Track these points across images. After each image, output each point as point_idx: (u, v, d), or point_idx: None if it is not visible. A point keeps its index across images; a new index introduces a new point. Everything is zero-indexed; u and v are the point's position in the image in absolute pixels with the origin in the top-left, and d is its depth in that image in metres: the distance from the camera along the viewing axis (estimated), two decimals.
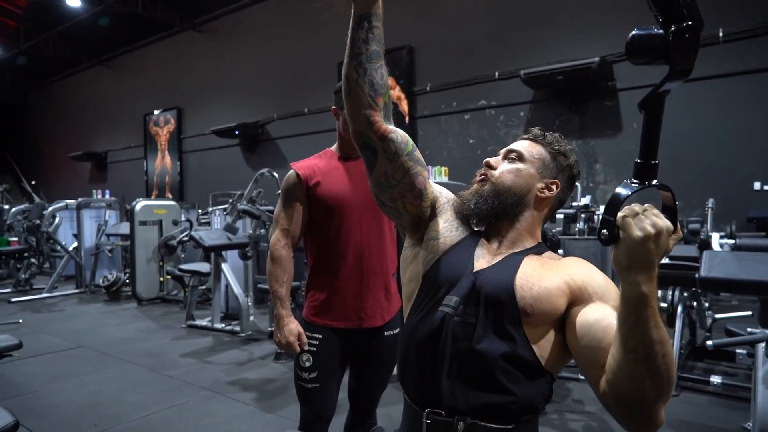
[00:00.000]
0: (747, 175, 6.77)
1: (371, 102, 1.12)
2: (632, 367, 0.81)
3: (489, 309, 1.03)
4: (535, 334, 1.01)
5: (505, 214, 1.14)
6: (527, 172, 1.15)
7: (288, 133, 11.89)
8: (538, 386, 1.02)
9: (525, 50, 8.34)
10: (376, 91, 1.11)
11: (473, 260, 1.11)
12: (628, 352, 0.81)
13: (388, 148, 1.14)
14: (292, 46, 11.77)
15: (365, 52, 1.09)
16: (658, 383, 0.81)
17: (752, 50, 6.70)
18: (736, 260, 2.66)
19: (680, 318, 3.79)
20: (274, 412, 3.33)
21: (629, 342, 0.80)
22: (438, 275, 1.12)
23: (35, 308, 6.83)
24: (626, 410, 0.87)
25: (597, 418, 3.13)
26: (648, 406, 0.82)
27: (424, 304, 1.12)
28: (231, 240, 5.40)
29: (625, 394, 0.84)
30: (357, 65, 1.09)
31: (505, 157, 1.19)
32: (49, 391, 3.75)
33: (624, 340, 0.81)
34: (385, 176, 1.17)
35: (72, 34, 15.38)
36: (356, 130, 1.15)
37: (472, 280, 1.06)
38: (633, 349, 0.80)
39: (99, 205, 8.68)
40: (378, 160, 1.16)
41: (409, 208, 1.20)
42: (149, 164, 15.74)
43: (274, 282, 1.87)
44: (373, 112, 1.12)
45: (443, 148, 9.55)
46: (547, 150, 1.19)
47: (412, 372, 1.10)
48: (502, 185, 1.14)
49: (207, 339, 5.18)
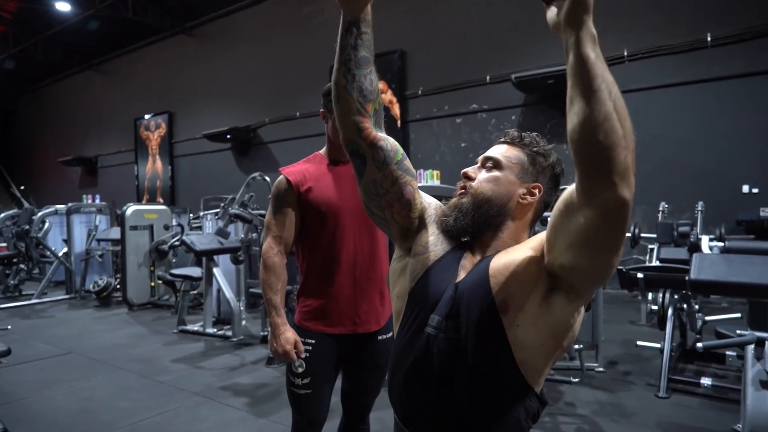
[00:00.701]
0: (736, 178, 6.84)
1: (360, 108, 1.11)
2: (600, 107, 0.77)
3: (470, 322, 1.02)
4: (519, 335, 0.99)
5: (488, 226, 1.11)
6: (506, 179, 1.12)
7: (280, 137, 11.88)
8: (523, 407, 1.01)
9: (516, 54, 8.40)
10: (365, 97, 1.11)
11: (457, 273, 1.10)
12: (594, 93, 0.77)
13: (377, 156, 1.14)
14: (283, 50, 11.77)
15: (354, 58, 1.09)
16: (625, 122, 0.78)
17: (741, 54, 6.77)
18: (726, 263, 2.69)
19: (671, 320, 3.82)
20: (266, 417, 3.31)
21: (594, 83, 0.77)
22: (423, 292, 1.11)
23: (24, 314, 6.76)
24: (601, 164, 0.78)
25: (589, 421, 3.14)
26: (621, 151, 0.78)
27: (409, 324, 1.12)
28: (223, 244, 5.38)
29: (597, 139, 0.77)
30: (346, 71, 1.09)
31: (483, 165, 1.16)
32: (38, 398, 3.71)
33: (588, 83, 0.77)
34: (373, 184, 1.16)
35: (62, 38, 15.31)
36: (346, 137, 1.15)
37: (452, 294, 1.06)
38: (598, 88, 0.77)
39: (89, 210, 8.62)
40: (367, 168, 1.15)
41: (397, 218, 1.19)
42: (140, 169, 15.66)
43: (268, 290, 1.86)
44: (363, 119, 1.12)
45: (435, 152, 9.58)
46: (525, 152, 1.15)
47: (401, 394, 1.10)
48: (482, 196, 1.10)
49: (199, 344, 5.15)
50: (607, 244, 0.85)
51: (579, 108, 0.78)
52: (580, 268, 0.91)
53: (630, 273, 4.07)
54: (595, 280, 0.94)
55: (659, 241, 6.03)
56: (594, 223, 0.82)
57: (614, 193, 0.78)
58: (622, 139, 0.77)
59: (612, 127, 0.77)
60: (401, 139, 9.89)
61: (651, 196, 7.16)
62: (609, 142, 0.77)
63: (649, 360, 4.22)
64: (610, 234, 0.83)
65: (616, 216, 0.80)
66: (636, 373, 3.96)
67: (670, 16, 7.25)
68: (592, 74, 0.77)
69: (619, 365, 4.17)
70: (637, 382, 3.78)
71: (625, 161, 0.78)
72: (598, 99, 0.76)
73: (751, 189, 6.76)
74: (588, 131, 0.77)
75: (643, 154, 7.64)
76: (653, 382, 3.68)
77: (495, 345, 0.99)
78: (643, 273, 4.04)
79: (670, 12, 7.26)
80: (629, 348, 4.51)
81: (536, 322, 0.98)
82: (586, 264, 0.90)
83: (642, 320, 5.60)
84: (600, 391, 3.62)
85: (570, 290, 0.96)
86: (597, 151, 0.77)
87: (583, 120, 0.77)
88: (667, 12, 7.30)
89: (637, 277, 4.01)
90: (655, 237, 6.13)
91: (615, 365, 4.16)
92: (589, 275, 0.92)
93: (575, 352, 3.66)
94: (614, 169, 0.77)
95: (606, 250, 0.86)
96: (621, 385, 3.72)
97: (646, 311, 5.58)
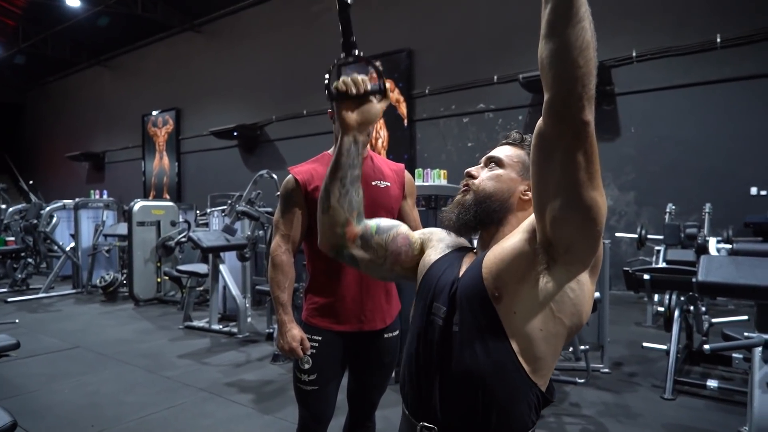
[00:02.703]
0: (744, 180, 6.80)
1: (349, 218, 1.18)
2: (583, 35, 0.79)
3: (467, 315, 1.03)
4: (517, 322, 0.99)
5: (490, 220, 1.13)
6: (508, 176, 1.15)
7: (287, 134, 11.90)
8: (525, 400, 1.01)
9: (524, 54, 8.37)
10: (353, 208, 1.18)
11: (460, 269, 1.13)
12: (582, 19, 0.79)
13: (363, 244, 1.22)
14: (291, 47, 11.78)
15: (350, 176, 1.15)
16: (595, 53, 0.81)
17: (751, 56, 6.73)
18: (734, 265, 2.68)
19: (677, 322, 3.81)
20: (271, 413, 3.33)
21: (581, 8, 0.79)
22: (427, 286, 1.15)
23: (32, 308, 6.81)
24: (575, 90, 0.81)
25: (594, 421, 3.14)
26: (592, 78, 0.81)
27: (416, 318, 1.15)
28: (229, 241, 5.40)
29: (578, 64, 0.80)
30: (341, 186, 1.15)
31: (486, 165, 1.20)
32: (46, 391, 3.74)
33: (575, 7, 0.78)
34: (372, 263, 1.24)
35: (71, 34, 15.40)
36: (331, 244, 1.22)
37: (452, 288, 1.08)
38: (584, 15, 0.79)
39: (97, 205, 8.68)
40: (359, 259, 1.23)
41: (406, 265, 1.26)
42: (147, 165, 15.73)
43: (275, 288, 1.88)
44: (349, 229, 1.19)
45: (442, 151, 9.57)
46: (526, 152, 1.17)
47: (409, 385, 1.13)
48: (484, 192, 1.14)
49: (204, 340, 5.18)
50: (586, 166, 0.86)
51: (563, 32, 0.80)
52: (570, 218, 0.91)
53: (636, 274, 4.06)
54: (587, 227, 0.92)
55: (666, 243, 6.01)
56: (570, 144, 0.86)
57: (584, 114, 0.83)
58: (594, 67, 0.82)
59: (591, 55, 0.81)
60: (408, 138, 9.90)
61: (658, 197, 7.13)
62: (588, 68, 0.81)
63: (654, 361, 4.21)
64: (585, 154, 0.86)
65: (585, 134, 0.84)
66: (642, 375, 3.95)
67: (680, 17, 7.21)
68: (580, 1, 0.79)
69: (625, 366, 4.16)
70: (642, 383, 3.78)
71: (593, 87, 0.82)
72: (583, 26, 0.79)
73: (759, 191, 6.72)
74: (571, 56, 0.80)
75: (650, 155, 7.63)
76: (659, 384, 3.67)
77: (492, 336, 1.00)
78: (650, 274, 4.02)
79: (680, 13, 7.22)
80: (635, 349, 4.50)
81: (533, 304, 0.98)
82: (575, 208, 0.90)
83: (648, 322, 5.58)
84: (605, 392, 3.61)
85: (567, 255, 0.95)
86: (575, 76, 0.81)
87: (566, 44, 0.80)
88: (676, 13, 7.25)
89: (644, 279, 3.99)
90: (662, 238, 6.10)
91: (620, 366, 4.15)
92: (580, 224, 0.91)
93: (581, 353, 3.65)
94: (586, 93, 0.82)
95: (588, 178, 0.87)
96: (626, 387, 3.71)
97: (652, 313, 5.56)
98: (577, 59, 0.80)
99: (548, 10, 0.81)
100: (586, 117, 0.83)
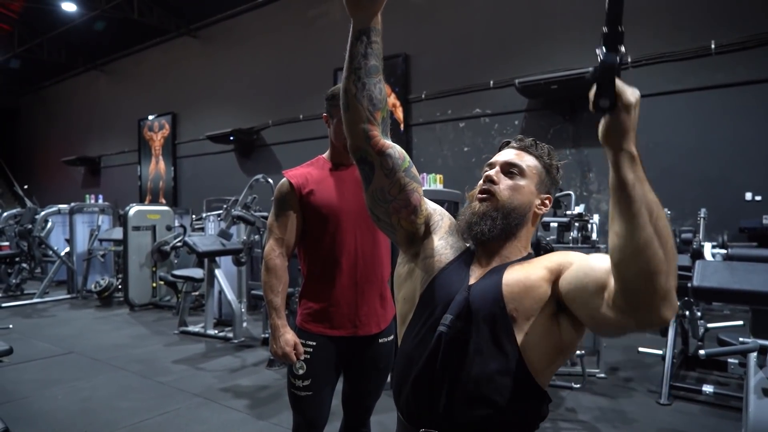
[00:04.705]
0: (739, 185, 6.82)
1: (370, 117, 1.11)
2: (640, 233, 0.77)
3: (480, 323, 1.04)
4: (527, 340, 1.02)
5: (509, 234, 1.14)
6: (528, 189, 1.15)
7: (283, 139, 11.89)
8: (532, 406, 1.04)
9: (520, 59, 8.40)
10: (374, 106, 1.11)
11: (468, 277, 1.12)
12: (633, 218, 0.77)
13: (386, 164, 1.14)
14: (287, 52, 11.79)
15: (364, 66, 1.09)
16: (667, 245, 0.77)
17: (744, 62, 6.76)
18: (729, 270, 2.68)
19: (673, 327, 3.81)
20: (266, 419, 3.31)
21: (632, 207, 0.77)
22: (434, 295, 1.13)
23: (26, 314, 6.77)
24: (642, 288, 0.79)
25: (590, 427, 3.13)
26: (662, 277, 0.77)
27: (421, 325, 1.13)
28: (225, 246, 5.39)
29: (638, 266, 0.78)
30: (356, 80, 1.09)
31: (505, 171, 1.17)
32: (39, 397, 3.72)
33: (626, 206, 0.78)
34: (381, 191, 1.17)
35: (67, 38, 15.35)
36: (354, 145, 1.15)
37: (465, 296, 1.07)
38: (637, 212, 0.77)
39: (92, 209, 8.64)
40: (375, 175, 1.16)
41: (403, 224, 1.20)
42: (143, 169, 15.68)
43: (269, 292, 1.86)
44: (372, 127, 1.12)
45: (438, 156, 9.57)
46: (542, 163, 1.18)
47: (407, 396, 1.11)
48: (510, 206, 1.13)
49: (200, 345, 5.15)
50: (624, 332, 0.90)
51: (619, 229, 0.79)
52: (589, 322, 0.97)
53: None
54: (600, 331, 1.01)
55: None
56: (624, 325, 0.85)
57: (656, 316, 0.80)
58: (663, 263, 0.77)
59: (653, 253, 0.77)
60: (404, 142, 9.90)
61: None
62: (650, 268, 0.77)
63: (650, 367, 4.21)
64: (634, 331, 0.87)
65: (653, 328, 0.83)
66: (637, 380, 3.95)
67: (675, 23, 7.24)
68: (632, 197, 0.77)
69: (621, 371, 4.16)
70: (638, 388, 3.77)
71: (667, 285, 0.78)
72: (637, 224, 0.77)
73: (754, 196, 6.74)
74: (628, 257, 0.78)
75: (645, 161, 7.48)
76: (655, 389, 3.67)
77: (505, 346, 1.02)
78: None
79: (675, 19, 7.25)
80: (631, 354, 4.50)
81: (543, 334, 1.02)
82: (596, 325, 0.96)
83: None
84: (601, 397, 3.61)
85: (576, 319, 1.01)
86: (638, 278, 0.78)
87: (623, 244, 0.78)
88: (671, 19, 7.29)
89: None
90: None
91: (616, 371, 4.15)
92: (595, 328, 0.99)
93: (576, 358, 3.65)
94: (656, 294, 0.78)
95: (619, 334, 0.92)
96: (622, 392, 3.71)
97: None
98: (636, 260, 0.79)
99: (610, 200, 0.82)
100: (659, 317, 0.81)
